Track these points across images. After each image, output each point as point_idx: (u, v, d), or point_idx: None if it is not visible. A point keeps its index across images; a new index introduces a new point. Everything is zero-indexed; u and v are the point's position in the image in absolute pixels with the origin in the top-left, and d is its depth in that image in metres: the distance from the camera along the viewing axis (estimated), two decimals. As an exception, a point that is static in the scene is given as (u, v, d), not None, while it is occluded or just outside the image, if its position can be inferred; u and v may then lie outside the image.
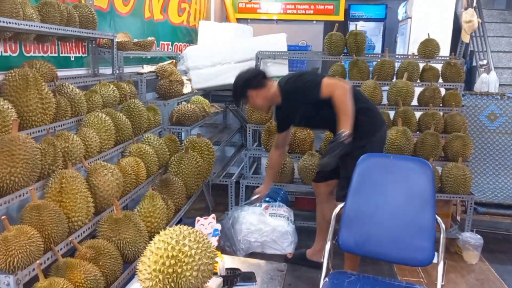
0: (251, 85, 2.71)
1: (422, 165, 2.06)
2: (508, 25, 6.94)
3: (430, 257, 1.94)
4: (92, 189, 2.03)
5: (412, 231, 1.98)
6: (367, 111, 2.60)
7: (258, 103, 2.75)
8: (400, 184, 2.06)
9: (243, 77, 2.75)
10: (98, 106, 2.59)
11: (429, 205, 1.98)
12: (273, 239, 3.16)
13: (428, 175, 2.02)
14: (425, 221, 1.97)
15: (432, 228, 1.95)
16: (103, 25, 3.30)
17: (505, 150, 3.86)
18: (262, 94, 2.70)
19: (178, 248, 1.34)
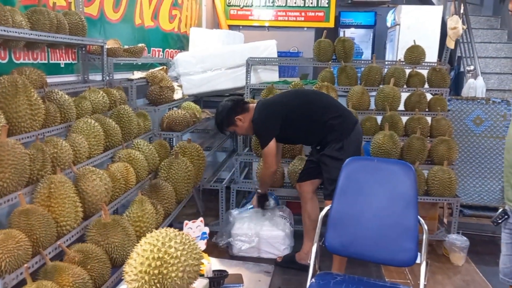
0: (237, 111, 2.88)
1: (405, 168, 2.11)
2: (495, 31, 7.07)
3: (413, 257, 1.99)
4: (80, 194, 2.05)
5: (396, 232, 2.03)
6: (338, 117, 2.81)
7: (247, 127, 2.91)
8: (384, 186, 2.11)
9: (226, 106, 2.90)
10: (88, 112, 2.62)
11: (412, 206, 2.03)
12: (270, 242, 3.18)
13: (411, 177, 2.07)
14: (408, 222, 2.02)
15: (415, 229, 2.00)
16: (93, 32, 3.33)
17: (491, 154, 3.93)
18: (248, 118, 2.87)
19: (164, 249, 1.38)
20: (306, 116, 2.82)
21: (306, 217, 3.01)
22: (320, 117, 2.80)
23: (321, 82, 3.76)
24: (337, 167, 2.23)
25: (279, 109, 2.85)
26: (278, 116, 2.81)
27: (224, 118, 2.90)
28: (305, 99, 2.92)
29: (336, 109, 2.85)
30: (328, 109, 2.82)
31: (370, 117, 3.63)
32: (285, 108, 2.84)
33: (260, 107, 2.89)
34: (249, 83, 4.06)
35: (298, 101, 2.89)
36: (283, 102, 2.89)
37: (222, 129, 3.00)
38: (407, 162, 3.27)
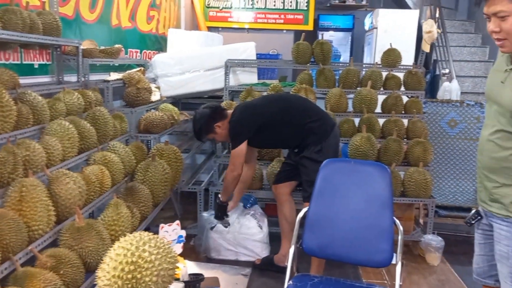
0: (216, 118, 2.86)
1: (381, 169, 2.14)
2: (469, 35, 7.23)
3: (389, 258, 2.01)
4: (53, 197, 2.01)
5: (372, 233, 2.05)
6: (317, 120, 2.84)
7: (226, 134, 2.88)
8: (361, 188, 2.13)
9: (205, 113, 2.88)
10: (62, 114, 2.56)
11: (387, 208, 2.06)
12: (247, 245, 3.17)
13: (386, 179, 2.10)
14: (384, 223, 2.04)
15: (391, 231, 2.03)
16: (68, 32, 3.27)
17: (465, 155, 4.01)
18: (226, 125, 2.86)
19: (137, 254, 1.36)
20: (286, 121, 2.83)
21: (283, 219, 3.01)
22: (299, 120, 2.82)
23: (299, 84, 3.78)
24: (316, 169, 2.24)
25: (258, 113, 2.85)
26: (255, 119, 2.82)
27: (203, 126, 2.87)
28: (285, 104, 2.93)
29: (315, 113, 2.88)
30: (307, 113, 2.85)
31: (347, 119, 3.66)
32: (265, 113, 2.85)
33: (241, 109, 2.89)
34: (228, 85, 4.06)
35: (278, 106, 2.89)
36: (263, 106, 2.90)
37: (201, 137, 2.98)
38: (384, 163, 3.33)
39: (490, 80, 1.79)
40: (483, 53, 6.92)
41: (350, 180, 2.16)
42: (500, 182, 1.72)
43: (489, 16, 1.61)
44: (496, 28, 1.60)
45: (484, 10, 1.62)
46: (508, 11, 1.55)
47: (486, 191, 1.79)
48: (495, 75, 1.76)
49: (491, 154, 1.73)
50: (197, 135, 2.96)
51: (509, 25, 1.56)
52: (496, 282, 1.93)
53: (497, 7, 1.56)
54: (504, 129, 1.67)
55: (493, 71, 1.79)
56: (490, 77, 1.80)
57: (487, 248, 1.91)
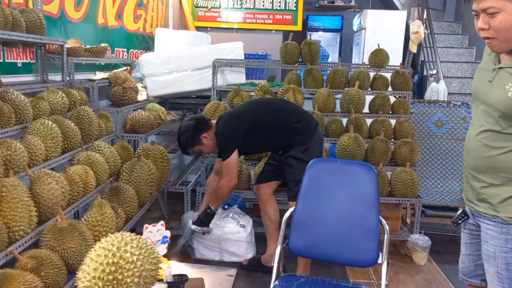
0: (201, 129, 2.84)
1: (367, 169, 2.13)
2: (457, 37, 7.30)
3: (375, 257, 2.01)
4: (35, 197, 1.97)
5: (358, 233, 2.04)
6: (300, 120, 2.84)
7: (213, 144, 2.86)
8: (347, 187, 2.12)
9: (190, 125, 2.83)
10: (45, 113, 2.52)
11: (373, 207, 2.05)
12: (229, 248, 3.15)
13: (372, 178, 2.09)
14: (370, 223, 2.04)
15: (377, 230, 2.02)
16: (53, 31, 3.23)
17: (452, 155, 4.04)
18: (212, 135, 2.84)
19: (119, 254, 1.33)
20: (270, 123, 2.83)
21: (266, 219, 3.00)
22: (284, 122, 2.82)
23: (287, 84, 3.77)
24: (302, 168, 2.23)
25: (244, 119, 2.84)
26: (241, 127, 2.80)
27: (189, 138, 2.83)
28: (268, 107, 2.95)
29: (298, 113, 2.89)
30: (290, 114, 2.86)
31: (335, 119, 3.66)
32: (249, 118, 2.84)
33: (225, 118, 2.86)
34: (216, 85, 4.03)
35: (261, 109, 2.91)
36: (246, 112, 2.90)
37: (187, 150, 2.94)
38: (371, 163, 3.33)
39: (477, 80, 1.77)
40: (470, 54, 6.99)
41: (336, 180, 2.16)
42: (487, 182, 1.71)
43: (478, 13, 1.58)
44: (484, 25, 1.56)
45: (473, 7, 1.59)
46: (498, 8, 1.51)
47: (473, 191, 1.79)
48: (482, 74, 1.73)
49: (478, 154, 1.73)
50: (183, 148, 2.92)
51: (497, 22, 1.53)
52: (482, 282, 1.93)
53: (487, 3, 1.52)
54: (491, 129, 1.66)
55: (480, 70, 1.77)
56: (477, 76, 1.78)
57: (473, 248, 1.91)
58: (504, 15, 1.53)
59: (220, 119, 2.89)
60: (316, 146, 2.84)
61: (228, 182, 2.80)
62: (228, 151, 2.76)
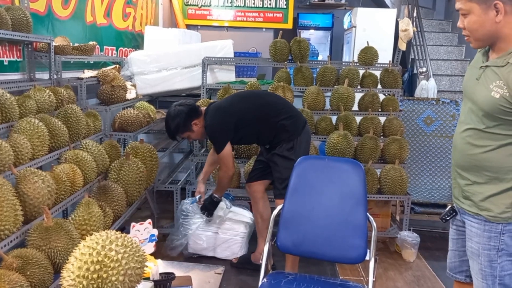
0: (192, 116, 2.82)
1: (354, 166, 2.14)
2: (446, 35, 7.34)
3: (363, 254, 2.02)
4: (21, 196, 1.95)
5: (345, 230, 2.05)
6: (289, 117, 2.83)
7: (202, 132, 2.87)
8: (335, 185, 2.14)
9: (181, 111, 2.81)
10: (32, 112, 2.50)
11: (361, 204, 2.07)
12: (226, 243, 3.14)
13: (360, 175, 2.10)
14: (357, 220, 2.05)
15: (364, 227, 2.04)
16: (40, 29, 3.20)
17: (440, 152, 4.07)
18: (202, 122, 2.84)
19: (103, 253, 1.32)
20: (260, 118, 2.83)
21: (258, 217, 3.00)
22: (273, 117, 2.81)
23: (277, 82, 3.78)
24: (288, 166, 2.23)
25: (233, 112, 2.82)
26: (232, 119, 2.79)
27: (180, 124, 2.81)
28: (260, 101, 2.92)
29: (288, 110, 2.88)
30: (280, 110, 2.84)
31: (325, 117, 3.67)
32: (239, 111, 2.82)
33: (213, 111, 2.83)
34: (206, 83, 4.02)
35: (250, 102, 2.89)
36: (235, 104, 2.87)
37: (176, 136, 2.92)
38: (361, 161, 3.36)
39: (467, 77, 1.79)
40: (459, 52, 7.04)
41: (324, 177, 2.17)
42: (471, 180, 1.73)
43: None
44: (461, 24, 1.65)
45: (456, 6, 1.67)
46: (466, 9, 1.60)
47: (459, 188, 1.81)
48: (471, 72, 1.76)
49: (463, 152, 1.74)
50: (172, 134, 2.90)
51: (467, 23, 1.62)
52: (467, 278, 1.95)
53: (458, 4, 1.62)
54: (475, 127, 1.68)
55: (470, 68, 1.79)
56: (467, 73, 1.80)
57: (459, 244, 1.93)
58: (472, 16, 1.61)
59: (209, 109, 2.86)
60: (303, 144, 2.83)
61: (225, 173, 2.85)
62: (220, 145, 2.77)
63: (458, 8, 1.63)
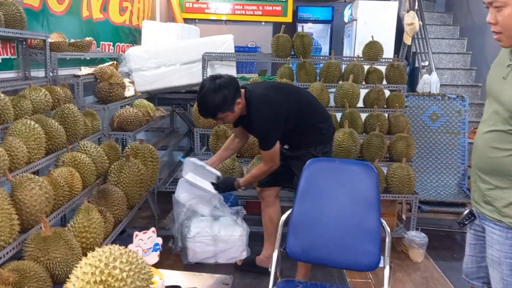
0: (237, 93, 2.40)
1: (366, 168, 2.04)
2: (448, 27, 7.24)
3: (376, 261, 1.92)
4: (17, 204, 1.85)
5: (357, 235, 1.95)
6: (325, 120, 2.67)
7: (237, 115, 2.47)
8: (346, 188, 2.03)
9: (229, 84, 2.37)
10: (28, 112, 2.39)
11: (374, 208, 1.96)
12: (225, 248, 3.06)
13: (372, 178, 2.00)
14: (370, 225, 1.95)
15: (378, 232, 1.94)
16: (35, 25, 3.07)
17: (447, 149, 3.98)
18: (242, 103, 2.45)
19: (107, 271, 1.22)
20: (301, 117, 2.59)
21: (267, 221, 2.90)
22: (313, 118, 2.63)
23: (279, 78, 3.67)
24: None
25: (283, 106, 2.51)
26: (283, 113, 2.50)
27: (227, 99, 2.33)
28: (303, 99, 2.68)
29: (324, 112, 2.73)
30: (319, 112, 2.68)
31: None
32: (286, 105, 2.53)
33: (261, 103, 2.46)
34: (206, 80, 3.91)
35: (297, 100, 2.63)
36: (283, 98, 2.56)
37: (214, 113, 2.40)
38: (367, 159, 3.28)
39: (492, 75, 1.67)
40: (461, 45, 6.94)
41: (334, 180, 2.06)
42: (493, 184, 1.64)
43: (488, 6, 1.52)
44: (492, 19, 1.50)
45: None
46: (503, 2, 1.45)
47: (479, 191, 1.71)
48: (497, 70, 1.64)
49: (484, 154, 1.65)
50: (211, 111, 2.39)
51: (503, 17, 1.46)
52: (484, 284, 1.87)
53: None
54: (500, 129, 1.57)
55: (495, 65, 1.68)
56: (492, 71, 1.69)
57: (477, 249, 1.85)
58: (510, 9, 1.45)
59: (254, 98, 2.46)
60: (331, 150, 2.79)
61: (270, 168, 2.57)
62: (272, 141, 2.47)
63: (492, 0, 1.47)
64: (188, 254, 3.01)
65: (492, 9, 1.49)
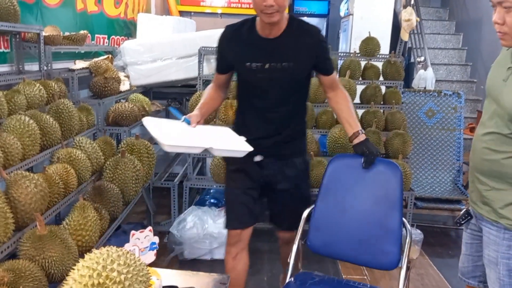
0: None
1: (392, 167, 2.00)
2: (443, 23, 7.24)
3: (395, 261, 1.91)
4: (12, 202, 1.82)
5: (379, 234, 1.94)
6: None
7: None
8: (369, 185, 2.01)
9: None
10: (22, 108, 2.36)
11: (396, 208, 1.94)
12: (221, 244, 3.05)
13: (397, 177, 1.96)
14: (392, 224, 1.93)
15: (399, 232, 1.92)
16: (28, 17, 3.03)
17: (442, 146, 3.99)
18: None
19: (105, 274, 1.21)
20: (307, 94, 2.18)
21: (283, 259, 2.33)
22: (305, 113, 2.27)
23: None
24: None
25: None
26: None
27: None
28: None
29: None
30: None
31: (326, 110, 3.56)
32: None
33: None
34: (202, 74, 3.88)
35: None
36: None
37: None
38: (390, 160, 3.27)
39: (492, 76, 1.66)
40: (457, 41, 6.95)
41: (358, 178, 2.02)
42: (490, 185, 1.64)
43: (495, 5, 1.47)
44: (499, 19, 1.46)
45: None
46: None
47: (477, 192, 1.71)
48: (497, 71, 1.62)
49: (482, 156, 1.64)
50: None
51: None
52: (480, 283, 1.89)
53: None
54: (499, 132, 1.57)
55: (496, 66, 1.66)
56: (492, 73, 1.67)
57: (473, 249, 1.86)
58: None
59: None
60: None
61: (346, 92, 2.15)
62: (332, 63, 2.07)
63: (503, 0, 1.42)
64: (184, 251, 3.00)
65: (500, 8, 1.45)
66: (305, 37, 1.93)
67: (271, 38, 1.92)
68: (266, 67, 1.92)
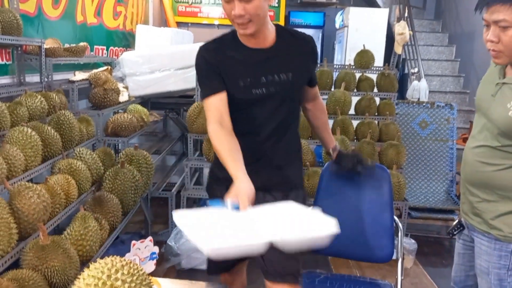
0: None
1: (382, 171, 2.18)
2: (437, 35, 7.37)
3: (390, 254, 2.09)
4: (15, 213, 1.86)
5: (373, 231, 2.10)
6: None
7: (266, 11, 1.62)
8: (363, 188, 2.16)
9: None
10: (24, 119, 2.40)
11: (388, 208, 2.11)
12: None
13: (386, 180, 2.14)
14: (385, 222, 2.11)
15: (391, 228, 2.09)
16: (30, 30, 3.09)
17: (436, 156, 4.07)
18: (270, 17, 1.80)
19: (109, 283, 1.25)
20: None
21: None
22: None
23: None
24: None
25: None
26: None
27: None
28: None
29: None
30: None
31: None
32: None
33: None
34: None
35: None
36: None
37: None
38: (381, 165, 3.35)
39: (481, 91, 1.71)
40: (450, 52, 7.07)
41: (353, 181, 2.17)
42: (481, 197, 1.69)
43: (489, 24, 1.50)
44: (494, 38, 1.47)
45: (484, 16, 1.50)
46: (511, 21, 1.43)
47: (469, 204, 1.77)
48: (485, 87, 1.67)
49: (473, 168, 1.70)
50: None
51: (509, 37, 1.45)
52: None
53: (500, 15, 1.43)
54: (489, 145, 1.62)
55: (484, 82, 1.71)
56: (481, 87, 1.72)
57: (466, 259, 1.91)
58: None
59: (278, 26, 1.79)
60: None
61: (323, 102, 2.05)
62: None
63: (498, 20, 1.44)
64: (181, 260, 3.03)
65: (495, 27, 1.47)
66: (301, 45, 1.77)
67: (264, 48, 1.71)
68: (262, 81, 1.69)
